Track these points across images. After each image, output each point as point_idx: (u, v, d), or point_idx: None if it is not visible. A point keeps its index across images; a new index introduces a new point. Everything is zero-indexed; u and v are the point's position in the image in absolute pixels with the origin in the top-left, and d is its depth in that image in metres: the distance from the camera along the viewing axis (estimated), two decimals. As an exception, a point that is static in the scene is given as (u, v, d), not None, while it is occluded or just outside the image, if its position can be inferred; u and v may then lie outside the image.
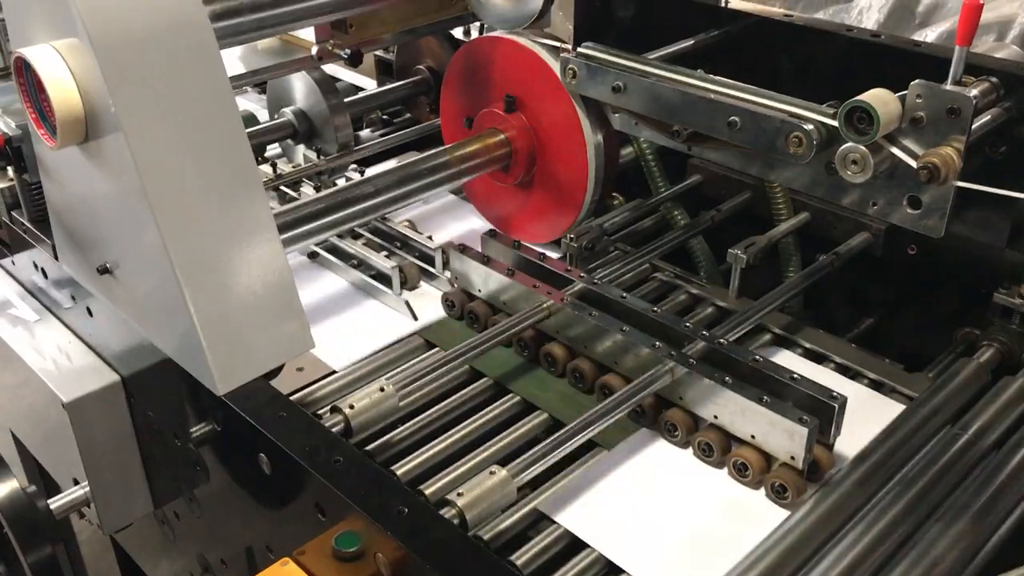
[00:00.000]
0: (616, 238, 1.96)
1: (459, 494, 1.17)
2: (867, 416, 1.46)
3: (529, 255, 1.67)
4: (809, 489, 1.31)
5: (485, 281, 1.66)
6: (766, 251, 1.76)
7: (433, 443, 1.43)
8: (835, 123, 1.33)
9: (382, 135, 2.31)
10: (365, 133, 2.45)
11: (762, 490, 1.33)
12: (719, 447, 1.37)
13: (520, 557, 1.21)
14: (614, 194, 2.06)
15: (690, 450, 1.39)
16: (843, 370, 1.60)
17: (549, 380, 1.56)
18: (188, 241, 1.22)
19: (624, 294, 1.56)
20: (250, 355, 1.30)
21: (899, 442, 1.36)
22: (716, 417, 1.37)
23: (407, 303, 1.72)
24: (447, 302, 1.72)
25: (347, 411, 1.32)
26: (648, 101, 1.60)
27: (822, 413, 1.32)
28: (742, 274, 1.72)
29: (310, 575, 1.22)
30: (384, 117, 2.50)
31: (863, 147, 1.32)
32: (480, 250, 1.73)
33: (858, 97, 1.31)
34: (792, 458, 1.30)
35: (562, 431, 1.32)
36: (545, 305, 1.55)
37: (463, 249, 1.70)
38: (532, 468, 1.23)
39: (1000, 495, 1.27)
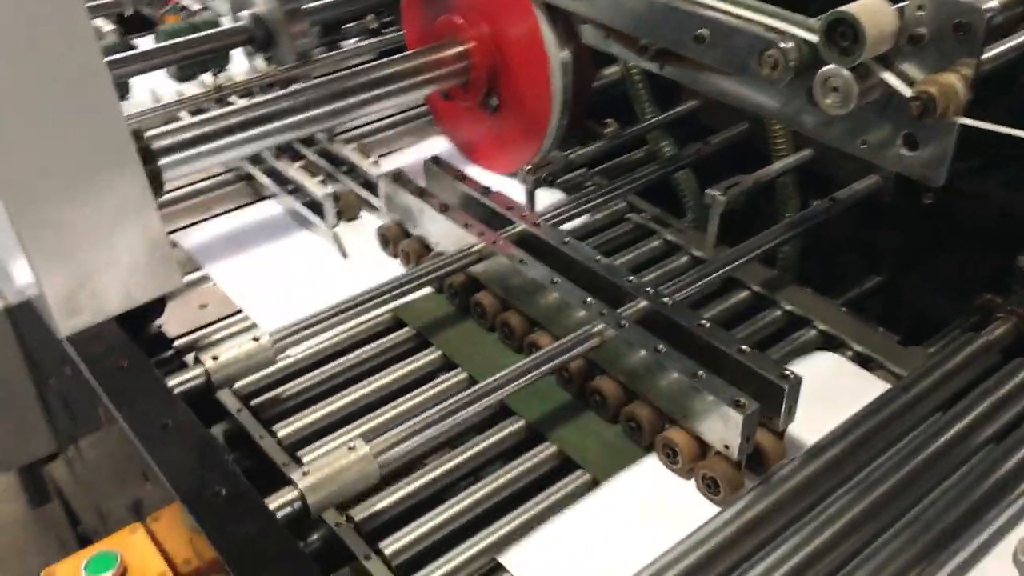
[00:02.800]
0: (596, 172, 1.72)
1: (304, 473, 0.98)
2: (845, 397, 1.22)
3: (473, 188, 1.45)
4: (751, 484, 1.08)
5: (419, 216, 1.45)
6: (752, 193, 1.50)
7: (328, 400, 1.25)
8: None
9: (356, 44, 2.09)
10: (350, 43, 2.23)
11: (693, 481, 1.12)
12: (649, 426, 1.15)
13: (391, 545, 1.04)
14: (607, 121, 1.82)
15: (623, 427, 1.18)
16: (828, 339, 1.36)
17: (477, 334, 1.35)
18: (18, 165, 1.04)
19: (567, 239, 1.33)
20: (99, 296, 1.13)
21: (871, 431, 1.12)
22: (648, 391, 1.16)
23: (336, 237, 1.53)
24: (381, 237, 1.52)
25: (209, 363, 1.13)
26: (613, 9, 1.34)
27: (768, 395, 1.08)
28: (725, 219, 1.48)
29: (157, 544, 1.06)
30: (372, 27, 2.27)
31: (846, 71, 1.06)
32: (424, 180, 1.52)
33: (844, 7, 1.04)
34: (726, 447, 1.08)
35: (469, 391, 1.11)
36: (475, 248, 1.34)
37: (396, 178, 1.49)
38: (402, 445, 1.03)
39: (988, 504, 1.03)
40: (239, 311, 1.41)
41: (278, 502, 0.95)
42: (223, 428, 1.21)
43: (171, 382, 1.11)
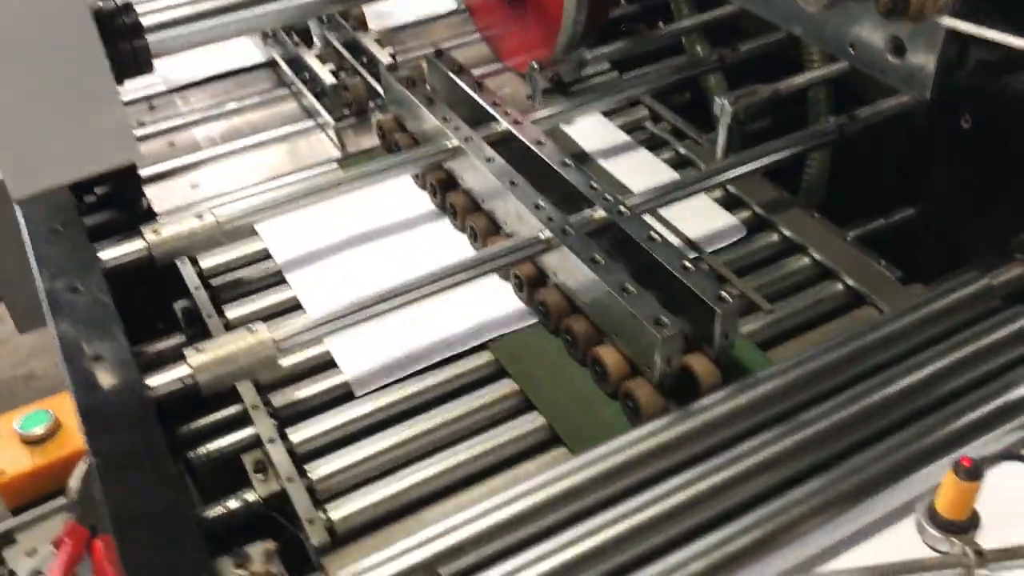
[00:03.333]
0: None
1: (197, 350, 0.98)
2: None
3: (465, 82, 1.39)
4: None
5: (411, 110, 1.40)
6: (780, 109, 1.38)
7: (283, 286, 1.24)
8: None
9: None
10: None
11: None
12: (583, 340, 1.09)
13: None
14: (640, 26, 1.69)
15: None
16: (820, 270, 1.24)
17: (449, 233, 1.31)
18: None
19: (544, 140, 1.26)
20: (54, 162, 1.14)
21: (820, 370, 1.02)
22: (584, 304, 1.09)
23: (337, 130, 1.51)
24: (379, 130, 1.48)
25: (150, 237, 1.14)
26: None
27: (701, 317, 1.00)
28: (736, 131, 1.36)
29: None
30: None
31: (819, -42, 0.94)
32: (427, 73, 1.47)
33: None
34: (648, 368, 1.01)
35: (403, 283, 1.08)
36: (450, 145, 1.29)
37: (392, 69, 1.44)
38: (304, 333, 1.02)
39: (913, 465, 0.93)
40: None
41: (165, 379, 0.96)
42: (181, 305, 1.23)
43: (112, 253, 1.12)
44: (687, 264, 1.04)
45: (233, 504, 0.96)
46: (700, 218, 1.31)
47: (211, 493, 0.97)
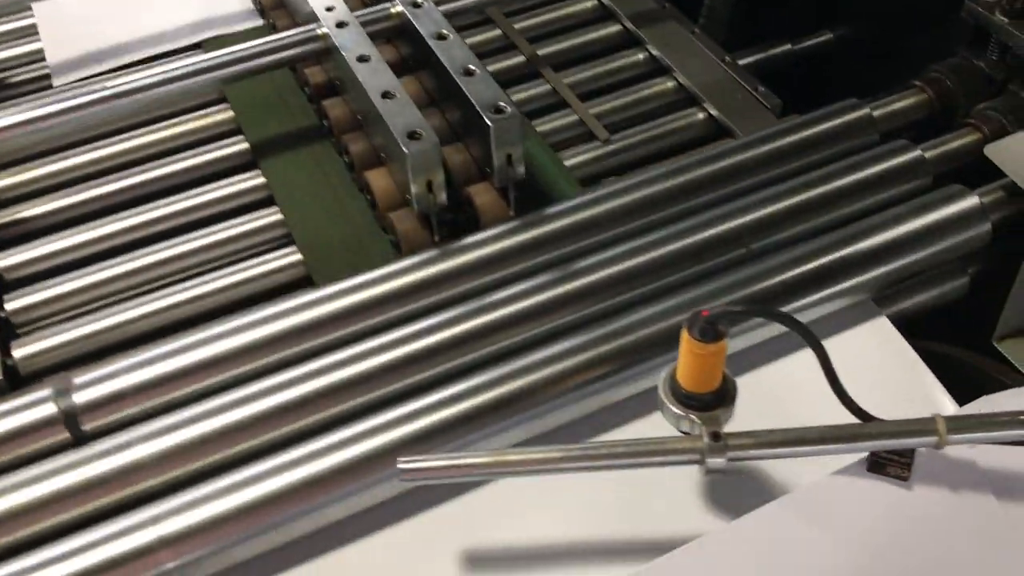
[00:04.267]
0: None
1: None
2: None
3: None
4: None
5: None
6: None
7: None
8: None
9: None
10: None
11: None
12: (358, 162, 0.89)
13: None
14: None
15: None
16: (683, 95, 1.02)
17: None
18: None
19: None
20: None
21: (627, 207, 0.82)
22: (360, 117, 0.89)
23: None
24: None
25: None
26: None
27: (478, 131, 0.80)
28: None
29: None
30: None
31: None
32: None
33: None
34: (407, 195, 0.81)
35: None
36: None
37: None
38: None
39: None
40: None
41: None
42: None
43: None
44: (472, 67, 0.83)
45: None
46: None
47: None
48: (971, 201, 0.81)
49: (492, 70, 0.97)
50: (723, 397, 0.60)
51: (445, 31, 0.87)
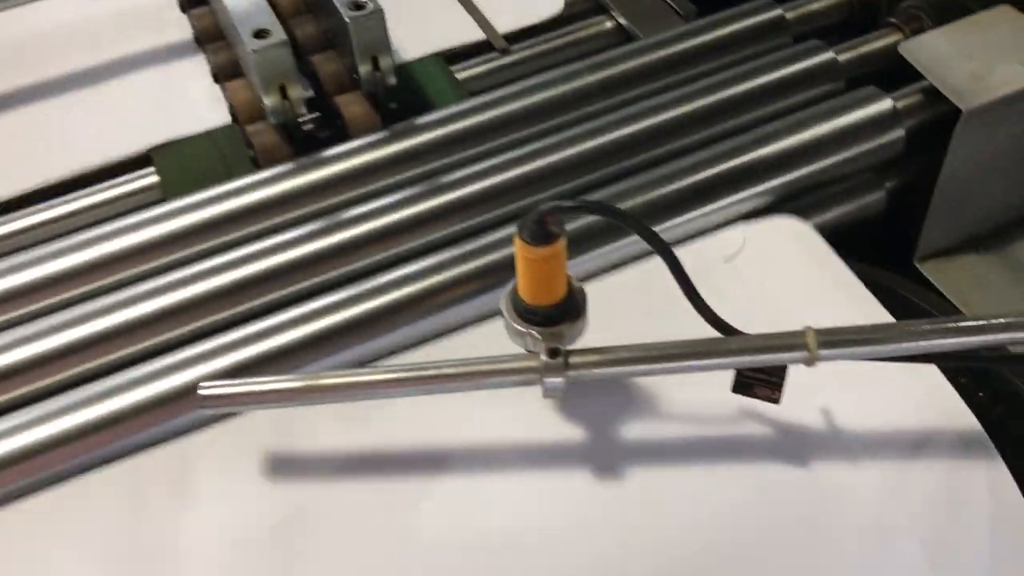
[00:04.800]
0: None
1: None
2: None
3: None
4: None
5: None
6: None
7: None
8: None
9: None
10: None
11: (252, 154, 0.79)
12: (222, 73, 0.81)
13: None
14: None
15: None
16: (592, 5, 0.94)
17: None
18: None
19: None
20: None
21: (509, 116, 0.75)
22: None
23: None
24: None
25: None
26: None
27: (343, 33, 0.72)
28: None
29: None
30: None
31: None
32: None
33: None
34: (259, 102, 0.74)
35: None
36: None
37: None
38: None
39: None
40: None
41: None
42: None
43: None
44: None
45: None
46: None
47: None
48: (883, 104, 0.73)
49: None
50: (568, 311, 0.53)
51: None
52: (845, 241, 0.76)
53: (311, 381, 0.52)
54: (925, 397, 0.58)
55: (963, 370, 0.63)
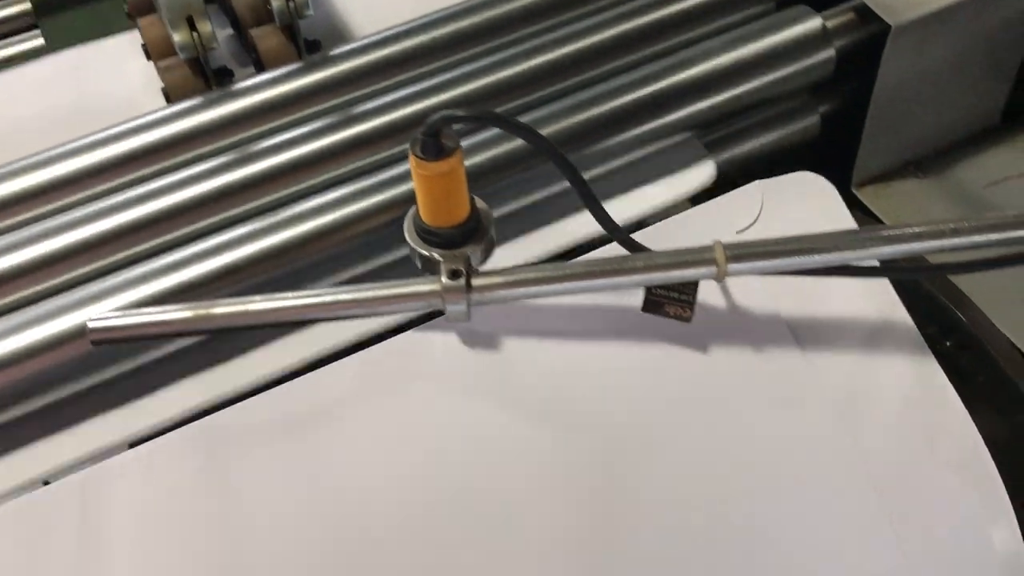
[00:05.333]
0: None
1: None
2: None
3: None
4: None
5: None
6: None
7: None
8: None
9: None
10: None
11: (167, 94, 0.76)
12: (135, 10, 0.78)
13: None
14: None
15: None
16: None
17: None
18: None
19: None
20: None
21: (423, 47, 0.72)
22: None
23: None
24: None
25: None
26: None
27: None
28: None
29: None
30: None
31: None
32: None
33: None
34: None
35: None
36: None
37: None
38: None
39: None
40: None
41: None
42: None
43: None
44: None
45: None
46: None
47: None
48: (813, 23, 0.71)
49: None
50: (472, 232, 0.51)
51: None
52: (782, 168, 0.75)
53: (204, 310, 0.50)
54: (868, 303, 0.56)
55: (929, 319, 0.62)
